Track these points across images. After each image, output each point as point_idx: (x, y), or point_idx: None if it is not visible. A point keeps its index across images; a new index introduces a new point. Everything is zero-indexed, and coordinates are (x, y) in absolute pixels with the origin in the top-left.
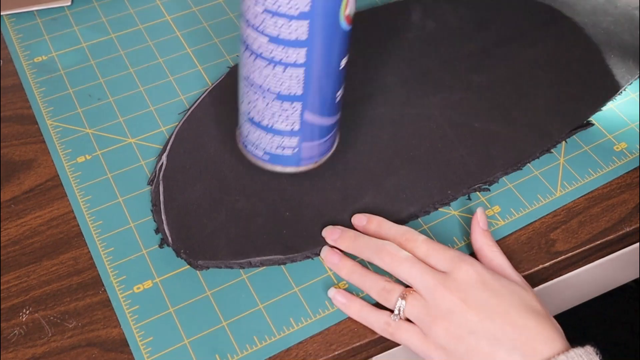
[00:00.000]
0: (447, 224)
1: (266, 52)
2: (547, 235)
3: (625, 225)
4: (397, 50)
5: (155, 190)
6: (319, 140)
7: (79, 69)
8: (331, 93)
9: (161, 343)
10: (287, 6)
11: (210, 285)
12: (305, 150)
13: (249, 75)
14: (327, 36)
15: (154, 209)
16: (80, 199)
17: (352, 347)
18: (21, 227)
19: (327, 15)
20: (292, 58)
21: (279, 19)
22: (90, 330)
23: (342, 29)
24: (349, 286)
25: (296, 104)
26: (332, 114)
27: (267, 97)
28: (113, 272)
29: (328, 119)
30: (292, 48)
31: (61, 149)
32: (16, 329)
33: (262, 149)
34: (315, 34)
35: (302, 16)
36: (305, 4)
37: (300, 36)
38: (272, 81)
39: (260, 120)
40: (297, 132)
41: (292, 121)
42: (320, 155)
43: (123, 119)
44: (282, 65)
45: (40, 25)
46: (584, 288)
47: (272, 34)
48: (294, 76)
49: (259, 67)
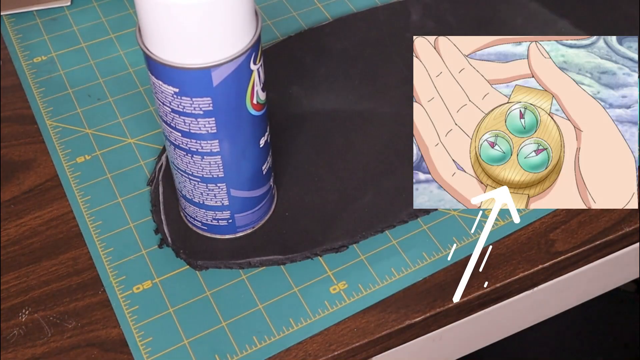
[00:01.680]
0: (447, 224)
1: (182, 144)
2: (547, 235)
3: (625, 225)
4: (398, 50)
5: (154, 191)
6: (251, 210)
7: (79, 69)
8: (254, 170)
9: (161, 343)
10: (191, 107)
11: (209, 286)
12: (239, 219)
13: (173, 160)
14: (237, 126)
15: (153, 210)
16: (80, 199)
17: (352, 347)
18: (21, 227)
19: (232, 109)
20: (207, 148)
21: (186, 117)
22: (90, 331)
23: (253, 115)
24: (349, 286)
25: (220, 184)
26: (259, 186)
27: (192, 180)
28: (112, 272)
29: (257, 191)
30: (205, 141)
31: (61, 149)
32: (16, 329)
33: (199, 221)
34: (225, 126)
35: (207, 114)
36: (207, 104)
37: (210, 130)
38: (194, 167)
39: (191, 197)
40: (227, 206)
41: (220, 198)
42: (258, 221)
43: (123, 119)
44: (199, 155)
45: (40, 25)
46: (584, 288)
47: (183, 129)
48: (213, 162)
49: (179, 155)
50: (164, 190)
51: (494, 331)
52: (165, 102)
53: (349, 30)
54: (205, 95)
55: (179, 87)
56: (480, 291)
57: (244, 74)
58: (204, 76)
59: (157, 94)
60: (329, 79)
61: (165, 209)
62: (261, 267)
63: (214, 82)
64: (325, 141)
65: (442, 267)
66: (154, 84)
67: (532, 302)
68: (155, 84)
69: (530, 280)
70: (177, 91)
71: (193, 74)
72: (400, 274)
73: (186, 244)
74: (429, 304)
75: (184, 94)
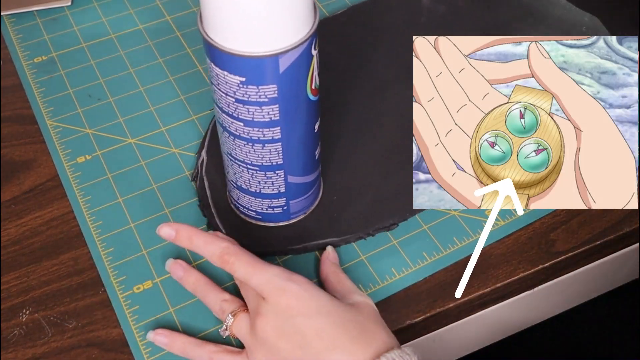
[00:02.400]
0: (447, 224)
1: (244, 133)
2: (547, 235)
3: (625, 225)
4: (410, 35)
5: (200, 186)
6: (304, 196)
7: (79, 69)
8: (310, 155)
9: None
10: (257, 96)
11: None
12: (293, 206)
13: (230, 152)
14: (298, 112)
15: (201, 204)
16: (80, 199)
17: None
18: (21, 227)
19: (295, 95)
20: (268, 136)
21: (250, 106)
22: (90, 331)
23: (311, 100)
24: None
25: (279, 171)
26: (313, 171)
27: (251, 169)
28: (113, 272)
29: (310, 176)
30: (267, 128)
31: (61, 149)
32: (16, 329)
33: (253, 211)
34: (287, 113)
35: (272, 101)
36: (273, 91)
37: (273, 117)
38: (254, 156)
39: (247, 187)
40: (283, 193)
41: (277, 185)
42: (309, 207)
43: (123, 119)
44: (260, 143)
45: (40, 25)
46: (584, 288)
47: (246, 119)
48: (273, 150)
49: (238, 145)
50: (209, 184)
51: (494, 331)
52: (229, 92)
53: (366, 17)
54: (272, 83)
55: (245, 76)
56: (480, 291)
57: (306, 60)
58: (272, 63)
59: (219, 86)
60: (351, 64)
61: (214, 202)
62: (316, 250)
63: (280, 68)
64: (359, 127)
65: (442, 267)
66: (217, 75)
67: (532, 302)
68: (220, 75)
69: (530, 280)
70: (244, 80)
71: (261, 62)
72: (401, 274)
73: (241, 235)
74: (429, 304)
75: (250, 83)
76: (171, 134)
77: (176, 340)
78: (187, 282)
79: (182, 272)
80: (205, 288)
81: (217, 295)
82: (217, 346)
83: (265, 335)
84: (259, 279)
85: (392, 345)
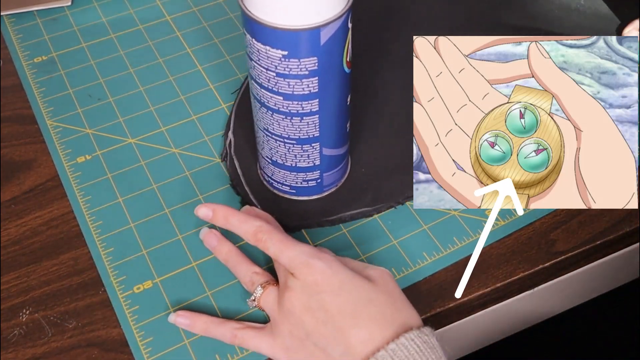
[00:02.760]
0: (447, 224)
1: (283, 107)
2: (547, 235)
3: (625, 225)
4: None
5: (231, 166)
6: (336, 168)
7: (79, 69)
8: (343, 127)
9: (161, 343)
10: (297, 69)
11: (210, 286)
12: (326, 178)
13: (267, 127)
14: (335, 84)
15: (233, 183)
16: (80, 199)
17: None
18: (21, 227)
19: (332, 67)
20: (307, 109)
21: (290, 80)
22: (90, 331)
23: (346, 73)
24: None
25: (315, 144)
26: (345, 144)
27: (287, 142)
28: (113, 272)
29: (342, 149)
30: (306, 101)
31: (61, 149)
32: (16, 329)
33: (288, 185)
34: (325, 85)
35: (312, 74)
36: (313, 63)
37: (312, 90)
38: (291, 130)
39: (283, 162)
40: (318, 166)
41: (313, 158)
42: (340, 179)
43: (123, 119)
44: (298, 116)
45: (40, 25)
46: (584, 288)
47: (286, 92)
48: (311, 122)
49: (277, 119)
50: (240, 163)
51: (494, 331)
52: (270, 67)
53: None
54: (313, 55)
55: (287, 49)
56: (480, 291)
57: (344, 32)
58: (314, 36)
59: (260, 61)
60: (366, 43)
61: (246, 181)
62: (351, 221)
63: (321, 41)
64: (384, 99)
65: (442, 267)
66: (259, 51)
67: (532, 302)
68: (261, 50)
69: (530, 280)
70: (286, 54)
71: (304, 34)
72: (401, 274)
73: (276, 209)
74: (429, 304)
75: (292, 56)
76: (171, 134)
77: (197, 321)
78: (219, 252)
79: (215, 242)
80: (237, 259)
81: (249, 267)
82: (240, 323)
83: (291, 309)
84: (289, 255)
85: (412, 324)
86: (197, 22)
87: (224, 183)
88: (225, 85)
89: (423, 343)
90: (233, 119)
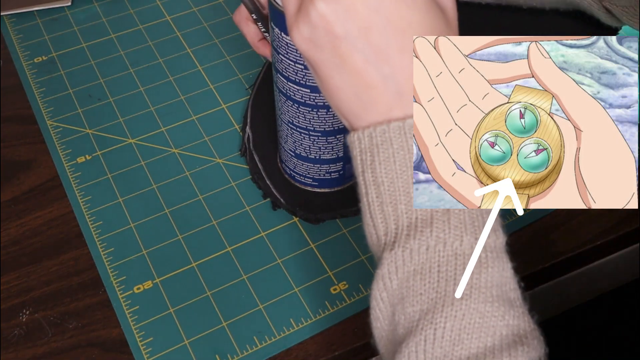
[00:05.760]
0: None
1: (309, 100)
2: (547, 235)
3: (625, 226)
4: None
5: (251, 161)
6: None
7: (79, 69)
8: None
9: (161, 343)
10: None
11: (210, 286)
12: (349, 170)
13: (292, 120)
14: None
15: (255, 177)
16: (81, 200)
17: (353, 347)
18: (21, 227)
19: None
20: None
21: None
22: (91, 331)
23: None
24: (350, 286)
25: (339, 136)
26: None
27: (312, 135)
28: (113, 272)
29: None
30: None
31: (61, 149)
32: (16, 329)
33: (310, 178)
34: None
35: None
36: None
37: None
38: (317, 122)
39: (307, 154)
40: (341, 157)
41: (337, 150)
42: None
43: (123, 119)
44: (324, 109)
45: (40, 26)
46: (584, 288)
47: (313, 85)
48: (336, 115)
49: (302, 112)
50: (260, 158)
51: None
52: (298, 60)
53: None
54: None
55: None
56: None
57: None
58: None
59: (287, 54)
60: None
61: (268, 175)
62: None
63: None
64: None
65: None
66: (287, 44)
67: (532, 302)
68: (289, 44)
69: (531, 280)
70: None
71: None
72: None
73: (299, 202)
74: None
75: None
76: (171, 134)
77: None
78: None
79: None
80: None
81: None
82: None
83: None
84: None
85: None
86: (197, 22)
87: (225, 183)
88: (226, 85)
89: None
90: (250, 115)
